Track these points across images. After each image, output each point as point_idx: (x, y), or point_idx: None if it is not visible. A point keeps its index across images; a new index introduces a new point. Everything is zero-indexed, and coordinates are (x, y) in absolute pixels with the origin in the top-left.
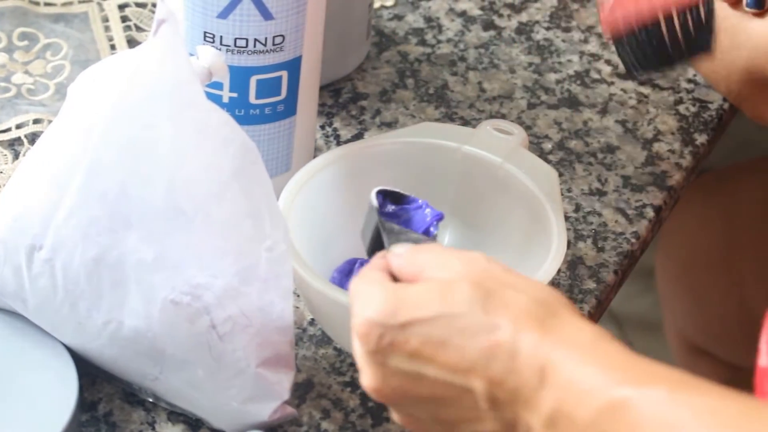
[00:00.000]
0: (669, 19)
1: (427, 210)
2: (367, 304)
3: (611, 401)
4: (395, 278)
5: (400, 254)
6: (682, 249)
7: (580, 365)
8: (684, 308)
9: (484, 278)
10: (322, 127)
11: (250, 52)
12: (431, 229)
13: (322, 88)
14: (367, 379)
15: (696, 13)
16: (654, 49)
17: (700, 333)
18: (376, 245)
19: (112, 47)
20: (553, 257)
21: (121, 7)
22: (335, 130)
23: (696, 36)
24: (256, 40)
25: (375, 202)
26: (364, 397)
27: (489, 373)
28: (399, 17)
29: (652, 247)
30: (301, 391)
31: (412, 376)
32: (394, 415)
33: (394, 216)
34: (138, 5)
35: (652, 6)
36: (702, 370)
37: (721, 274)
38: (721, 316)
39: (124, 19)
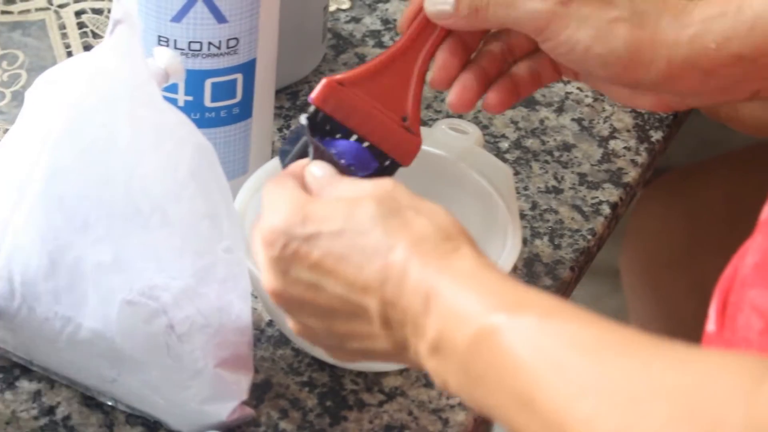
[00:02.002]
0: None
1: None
2: (276, 211)
3: (485, 327)
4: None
5: (318, 176)
6: (645, 248)
7: (460, 292)
8: (648, 306)
9: (389, 197)
10: (280, 130)
11: (204, 56)
12: (355, 169)
13: (279, 91)
14: (269, 282)
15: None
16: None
17: (664, 331)
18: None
19: (69, 54)
20: (507, 254)
21: (78, 13)
22: None
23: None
24: (210, 43)
25: (304, 120)
26: (321, 396)
27: (383, 294)
28: (356, 20)
29: (619, 247)
30: (260, 392)
31: (312, 286)
32: (289, 323)
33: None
34: (94, 11)
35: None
36: None
37: (684, 272)
38: (683, 314)
39: (80, 25)
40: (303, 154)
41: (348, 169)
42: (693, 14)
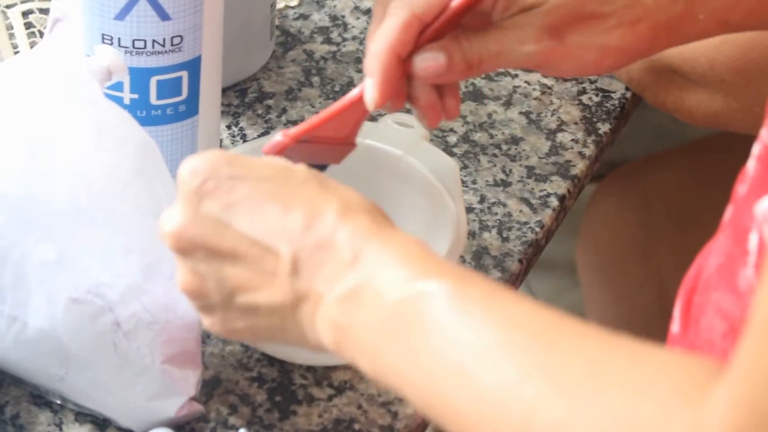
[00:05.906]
0: None
1: None
2: (203, 155)
3: (428, 288)
4: None
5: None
6: (600, 241)
7: (391, 259)
8: (604, 298)
9: (321, 175)
10: (229, 127)
11: (149, 53)
12: None
13: (227, 89)
14: (173, 217)
15: None
16: None
17: (620, 323)
18: None
19: (17, 54)
20: (453, 247)
21: (25, 14)
22: (242, 129)
23: None
24: (154, 41)
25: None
26: (271, 392)
27: (302, 240)
28: (304, 17)
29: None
30: (209, 388)
31: (219, 225)
32: (177, 273)
33: None
34: (42, 11)
35: None
36: None
37: (639, 264)
38: (640, 305)
39: (28, 25)
40: None
41: None
42: None
